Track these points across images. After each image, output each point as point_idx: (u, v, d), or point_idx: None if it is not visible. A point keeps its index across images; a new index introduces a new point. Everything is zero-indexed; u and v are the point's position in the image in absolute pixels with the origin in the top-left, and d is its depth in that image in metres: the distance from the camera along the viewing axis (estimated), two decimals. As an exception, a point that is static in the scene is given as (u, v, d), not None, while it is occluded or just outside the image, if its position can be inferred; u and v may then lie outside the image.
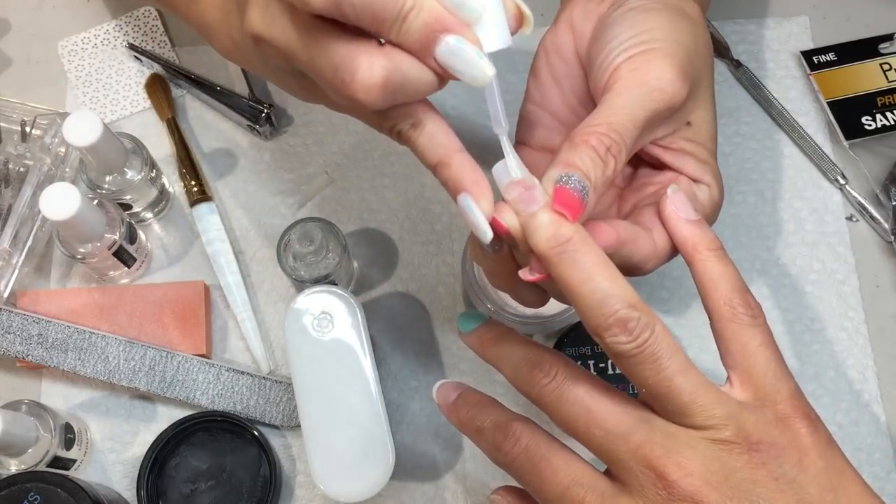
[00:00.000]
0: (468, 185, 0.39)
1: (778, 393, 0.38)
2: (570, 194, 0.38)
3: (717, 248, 0.42)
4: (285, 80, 0.43)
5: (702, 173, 0.45)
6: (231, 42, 0.45)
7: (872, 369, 0.61)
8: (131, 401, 0.62)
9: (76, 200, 0.54)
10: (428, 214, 0.65)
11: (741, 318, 0.39)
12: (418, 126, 0.39)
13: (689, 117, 0.44)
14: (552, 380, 0.39)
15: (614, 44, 0.43)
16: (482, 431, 0.42)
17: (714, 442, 0.37)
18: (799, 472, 0.36)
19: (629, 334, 0.36)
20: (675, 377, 0.37)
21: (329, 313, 0.54)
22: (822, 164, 0.66)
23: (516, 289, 0.44)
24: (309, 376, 0.53)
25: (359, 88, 0.36)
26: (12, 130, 0.65)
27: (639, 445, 0.37)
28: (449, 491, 0.59)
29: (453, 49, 0.35)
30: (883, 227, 0.64)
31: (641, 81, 0.41)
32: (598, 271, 0.37)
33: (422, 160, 0.40)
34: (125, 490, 0.59)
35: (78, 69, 0.69)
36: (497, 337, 0.43)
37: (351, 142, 0.67)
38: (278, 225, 0.64)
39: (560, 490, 0.38)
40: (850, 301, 0.63)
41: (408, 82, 0.36)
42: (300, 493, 0.60)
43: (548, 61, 0.48)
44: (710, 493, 0.36)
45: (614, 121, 0.40)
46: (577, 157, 0.39)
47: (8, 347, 0.59)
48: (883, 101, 0.66)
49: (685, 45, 0.43)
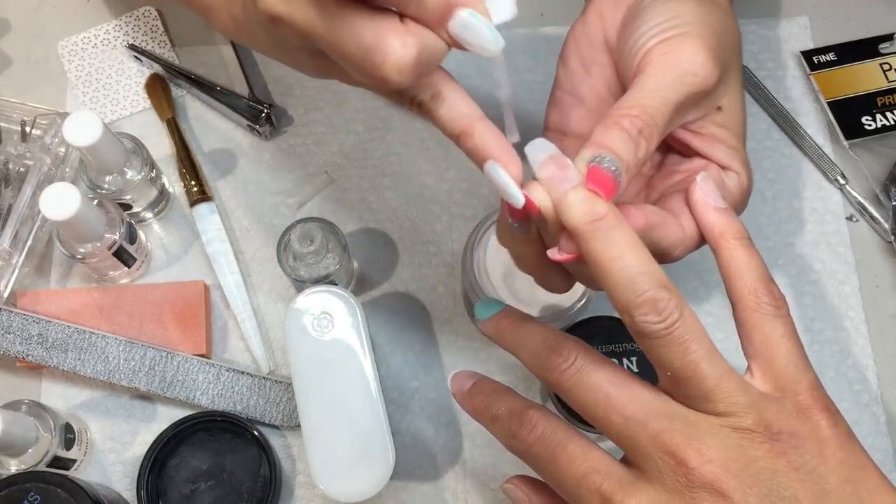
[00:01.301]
0: (494, 152, 0.39)
1: (799, 384, 0.38)
2: (604, 174, 0.38)
3: (744, 237, 0.42)
4: (299, 57, 0.42)
5: (731, 160, 0.45)
6: (231, 20, 0.45)
7: (872, 369, 0.61)
8: (131, 401, 0.62)
9: (76, 200, 0.54)
10: (428, 214, 0.65)
11: (765, 308, 0.39)
12: (438, 97, 0.39)
13: (719, 102, 0.45)
14: (571, 365, 0.39)
15: (645, 28, 0.44)
16: (497, 419, 0.42)
17: (735, 430, 0.36)
18: (819, 463, 0.36)
19: (659, 314, 0.36)
20: (701, 361, 0.37)
21: (329, 313, 0.54)
22: (822, 164, 0.66)
23: (544, 272, 0.44)
24: (309, 376, 0.53)
25: (391, 70, 0.35)
26: (12, 130, 0.65)
27: (658, 432, 0.37)
28: (449, 491, 0.59)
29: (466, 22, 0.36)
30: (883, 227, 0.64)
31: (673, 64, 0.42)
32: (630, 250, 0.37)
33: (444, 131, 0.40)
34: (125, 490, 0.59)
35: (78, 69, 0.69)
36: (516, 323, 0.44)
37: (351, 142, 0.67)
38: (278, 225, 0.64)
39: (577, 477, 0.38)
40: (850, 301, 0.63)
41: (432, 57, 0.37)
42: (300, 493, 0.60)
43: (577, 49, 0.49)
44: (730, 481, 0.35)
45: (646, 103, 0.40)
46: (609, 138, 0.39)
47: (8, 347, 0.59)
48: (883, 101, 0.66)
49: (715, 31, 0.44)
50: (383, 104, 0.68)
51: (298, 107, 0.68)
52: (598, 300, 0.61)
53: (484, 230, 0.58)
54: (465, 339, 0.62)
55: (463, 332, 0.62)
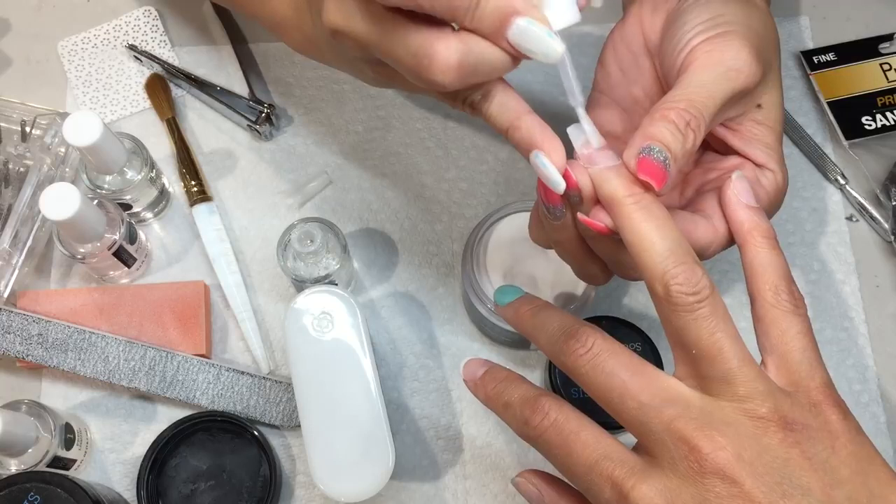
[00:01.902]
0: (539, 142, 0.41)
1: (812, 380, 0.38)
2: (654, 164, 0.40)
3: (771, 237, 0.42)
4: (360, 67, 0.45)
5: (767, 158, 0.46)
6: (302, 36, 0.48)
7: (872, 369, 0.61)
8: (131, 401, 0.62)
9: (76, 200, 0.54)
10: (428, 214, 0.65)
11: (784, 304, 0.40)
12: (488, 96, 0.42)
13: (759, 100, 0.46)
14: (588, 350, 0.40)
15: (688, 27, 0.45)
16: (510, 406, 0.42)
17: (750, 418, 0.37)
18: (831, 455, 0.36)
19: (693, 286, 0.37)
20: (727, 341, 0.37)
21: (329, 313, 0.54)
22: (822, 164, 0.66)
23: (582, 258, 0.46)
24: (309, 376, 0.53)
25: (437, 71, 0.38)
26: (12, 130, 0.65)
27: (673, 418, 0.37)
28: (449, 491, 0.59)
29: (524, 30, 0.38)
30: (883, 227, 0.64)
31: (718, 61, 0.43)
32: (669, 224, 0.39)
33: (493, 127, 0.42)
34: (125, 490, 0.59)
35: (78, 69, 0.69)
36: (534, 309, 0.45)
37: (351, 142, 0.67)
38: (278, 225, 0.64)
39: (589, 464, 0.38)
40: (850, 301, 0.63)
41: (482, 63, 0.39)
42: (300, 493, 0.60)
43: (615, 52, 0.51)
44: (743, 469, 0.35)
45: (694, 98, 0.42)
46: (657, 129, 0.41)
47: (8, 347, 0.59)
48: (883, 101, 0.66)
49: (757, 30, 0.45)
50: (383, 104, 0.68)
51: (298, 107, 0.68)
52: (598, 300, 0.62)
53: (484, 230, 0.58)
54: (465, 339, 0.62)
55: (463, 332, 0.63)
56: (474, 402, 0.61)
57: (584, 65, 0.42)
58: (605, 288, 0.61)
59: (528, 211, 0.58)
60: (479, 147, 0.67)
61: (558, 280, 0.56)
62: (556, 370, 0.57)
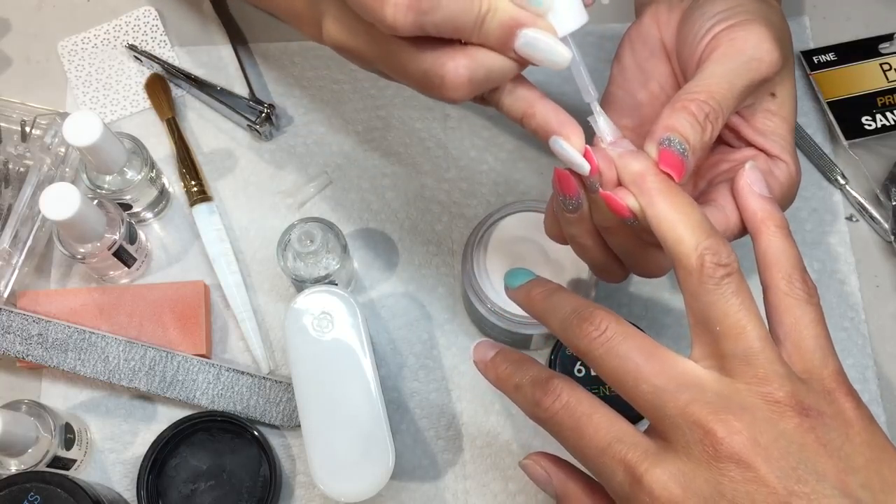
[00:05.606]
0: (556, 127, 0.41)
1: (825, 368, 0.38)
2: (674, 155, 0.40)
3: (784, 226, 0.42)
4: (371, 70, 0.45)
5: (780, 150, 0.47)
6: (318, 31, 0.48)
7: (872, 369, 0.61)
8: (131, 401, 0.62)
9: (76, 200, 0.54)
10: (428, 214, 0.65)
11: (798, 293, 0.40)
12: (499, 88, 0.42)
13: (773, 89, 0.46)
14: (602, 333, 0.39)
15: (708, 15, 0.46)
16: (521, 388, 0.42)
17: (767, 402, 0.36)
18: (845, 442, 0.36)
19: (723, 259, 0.38)
20: (751, 321, 0.38)
21: (329, 313, 0.54)
22: (822, 164, 0.66)
23: (597, 253, 0.46)
24: (309, 376, 0.53)
25: (449, 88, 0.39)
26: (12, 130, 0.65)
27: (688, 402, 0.37)
28: (449, 491, 0.59)
29: (530, 41, 0.38)
30: (883, 227, 0.64)
31: (740, 50, 0.44)
32: (693, 203, 0.40)
33: (508, 116, 0.43)
34: (125, 490, 0.59)
35: (78, 69, 0.69)
36: (546, 292, 0.44)
37: (351, 142, 0.67)
38: (278, 225, 0.64)
39: (601, 447, 0.38)
40: (850, 301, 0.63)
41: (492, 74, 0.40)
42: (300, 493, 0.60)
43: (632, 48, 0.51)
44: (758, 454, 0.35)
45: (714, 89, 0.42)
46: (676, 121, 0.41)
47: (8, 347, 0.59)
48: (883, 101, 0.66)
49: (773, 21, 0.46)
50: (383, 104, 0.68)
51: (298, 107, 0.68)
52: (597, 301, 0.61)
53: (484, 230, 0.58)
54: (466, 339, 0.62)
55: (463, 331, 0.62)
56: (474, 402, 0.61)
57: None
58: (605, 288, 0.61)
59: (527, 211, 0.58)
60: (479, 147, 0.67)
61: (558, 280, 0.56)
62: (556, 363, 0.56)
